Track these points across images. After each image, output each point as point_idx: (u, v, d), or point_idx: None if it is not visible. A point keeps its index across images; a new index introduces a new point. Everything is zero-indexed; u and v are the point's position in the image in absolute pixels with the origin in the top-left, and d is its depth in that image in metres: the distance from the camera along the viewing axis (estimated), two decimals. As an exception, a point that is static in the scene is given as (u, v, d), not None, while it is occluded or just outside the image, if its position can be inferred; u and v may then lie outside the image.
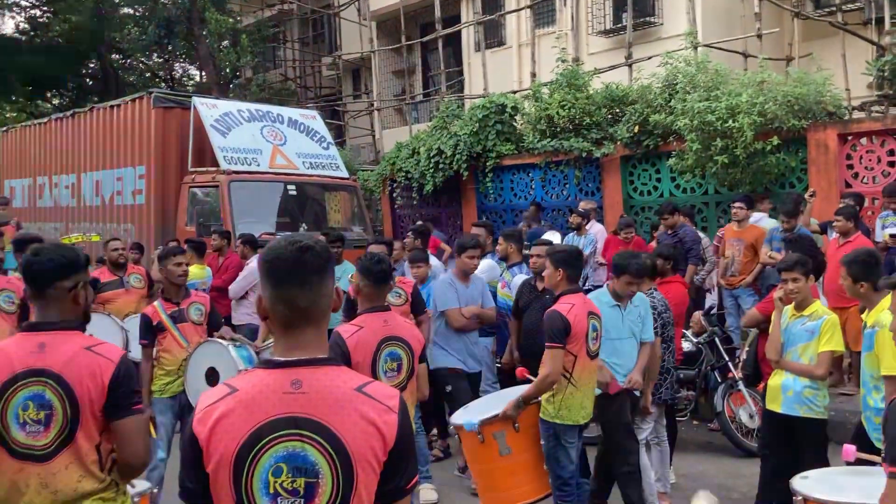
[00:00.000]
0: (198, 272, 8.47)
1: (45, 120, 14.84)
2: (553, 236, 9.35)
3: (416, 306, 6.19)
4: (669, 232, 8.56)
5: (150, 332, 5.22)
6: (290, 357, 1.83)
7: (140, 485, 3.36)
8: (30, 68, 24.49)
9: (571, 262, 4.68)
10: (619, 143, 11.06)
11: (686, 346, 6.88)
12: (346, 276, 7.26)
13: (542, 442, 4.55)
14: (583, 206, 10.20)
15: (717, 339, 7.07)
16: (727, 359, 6.97)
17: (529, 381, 4.75)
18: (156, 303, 5.35)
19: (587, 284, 9.10)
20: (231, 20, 21.46)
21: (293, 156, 11.60)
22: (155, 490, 3.44)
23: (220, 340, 5.20)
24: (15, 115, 26.27)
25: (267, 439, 1.74)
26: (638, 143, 10.82)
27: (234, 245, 9.28)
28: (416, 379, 3.99)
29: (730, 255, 8.42)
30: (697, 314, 7.22)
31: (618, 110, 11.66)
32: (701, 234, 9.00)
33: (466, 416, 4.76)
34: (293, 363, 1.81)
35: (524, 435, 4.60)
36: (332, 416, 1.76)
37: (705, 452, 6.84)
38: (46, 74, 25.41)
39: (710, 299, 9.17)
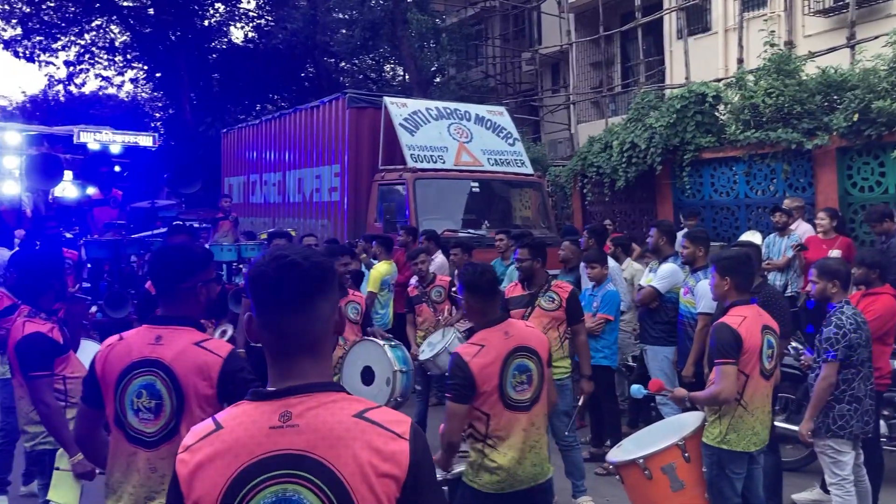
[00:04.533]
0: (385, 268, 8.60)
1: (257, 121, 15.89)
2: (753, 237, 8.59)
3: (572, 315, 5.50)
4: (883, 241, 7.51)
5: None
6: (279, 386, 1.61)
7: None
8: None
9: (738, 268, 4.12)
10: (835, 133, 9.96)
11: (900, 365, 5.95)
12: None
13: (703, 469, 4.02)
14: (788, 203, 9.26)
15: (941, 359, 6.08)
16: (954, 382, 5.96)
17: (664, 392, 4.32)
18: None
19: (789, 291, 8.24)
20: (434, 20, 21.91)
21: (478, 152, 11.54)
22: None
23: (376, 340, 5.18)
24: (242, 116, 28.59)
25: (252, 483, 1.53)
26: (858, 133, 9.69)
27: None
28: (546, 386, 3.61)
29: None
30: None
31: (834, 97, 10.51)
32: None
33: (622, 453, 4.15)
34: (282, 392, 1.60)
35: (696, 465, 3.99)
36: (329, 451, 1.53)
37: (924, 490, 5.90)
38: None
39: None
